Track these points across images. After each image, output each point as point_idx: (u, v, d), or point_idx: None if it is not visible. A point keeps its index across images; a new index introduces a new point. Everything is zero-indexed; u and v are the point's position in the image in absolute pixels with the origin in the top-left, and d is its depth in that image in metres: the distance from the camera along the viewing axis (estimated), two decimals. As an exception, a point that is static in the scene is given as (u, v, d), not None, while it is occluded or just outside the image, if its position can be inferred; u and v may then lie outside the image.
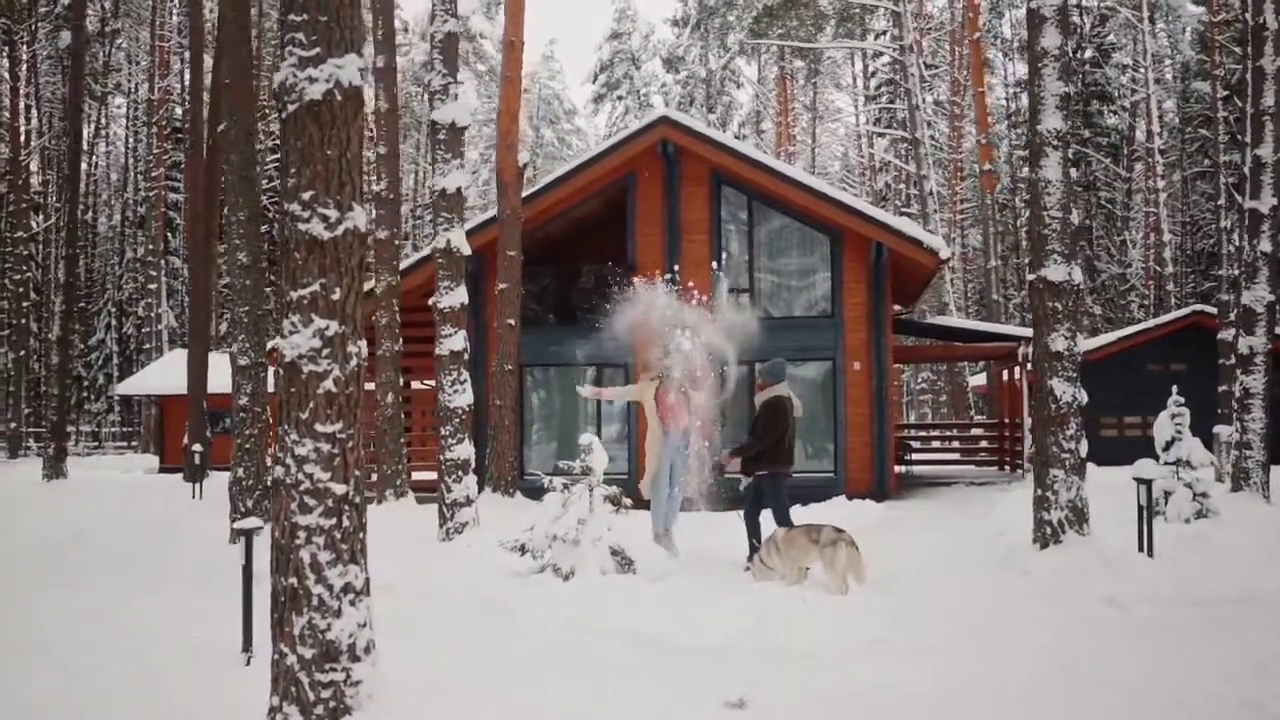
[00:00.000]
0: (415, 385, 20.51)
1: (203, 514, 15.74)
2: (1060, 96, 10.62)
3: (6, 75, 39.39)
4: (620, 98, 57.52)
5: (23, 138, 39.46)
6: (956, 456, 27.12)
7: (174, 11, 49.13)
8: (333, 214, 5.24)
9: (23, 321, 40.24)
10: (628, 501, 10.19)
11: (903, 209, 44.23)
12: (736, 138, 56.48)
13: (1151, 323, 27.30)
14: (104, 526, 13.71)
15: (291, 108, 5.25)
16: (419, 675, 6.36)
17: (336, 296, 5.26)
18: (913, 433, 29.87)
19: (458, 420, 12.39)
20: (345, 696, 5.23)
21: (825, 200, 18.10)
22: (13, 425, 39.28)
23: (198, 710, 5.88)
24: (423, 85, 44.69)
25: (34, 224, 44.79)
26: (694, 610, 8.50)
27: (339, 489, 5.26)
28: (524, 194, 18.92)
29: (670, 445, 11.60)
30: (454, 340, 12.39)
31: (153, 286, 46.79)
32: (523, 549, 9.86)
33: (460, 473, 12.33)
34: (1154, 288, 40.77)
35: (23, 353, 40.37)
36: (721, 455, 11.76)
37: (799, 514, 15.27)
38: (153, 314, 47.21)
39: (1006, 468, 23.81)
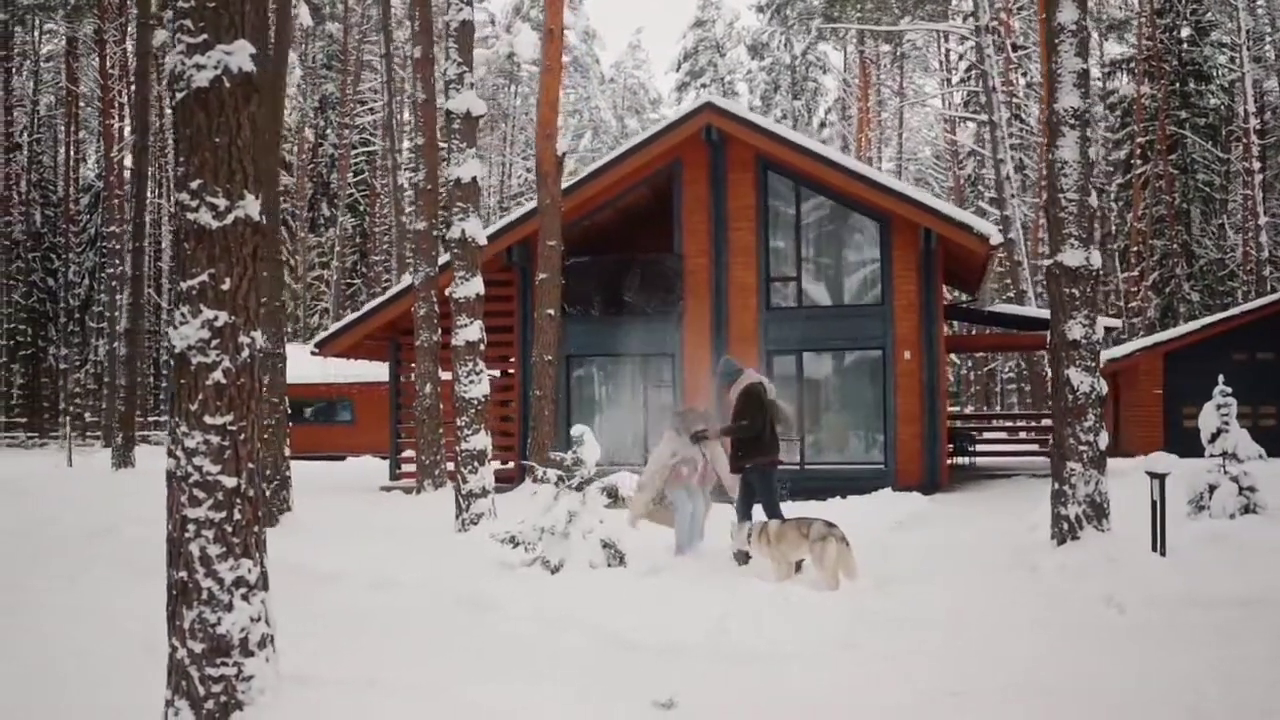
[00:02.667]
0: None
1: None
2: (1078, 73, 10.14)
3: (97, 74, 40.57)
4: (704, 86, 57.17)
5: (115, 135, 40.56)
6: (1030, 448, 26.32)
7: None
8: (221, 203, 5.16)
9: (115, 314, 41.45)
10: (626, 494, 10.03)
11: (994, 196, 43.18)
12: (821, 125, 55.82)
13: (1236, 310, 26.13)
14: (139, 519, 13.88)
15: (180, 95, 5.18)
16: (351, 669, 6.31)
17: (226, 286, 5.18)
18: (978, 423, 29.07)
19: (474, 411, 12.34)
20: (237, 692, 5.16)
21: (872, 185, 17.68)
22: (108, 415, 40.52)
23: (106, 705, 5.87)
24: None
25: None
26: (668, 606, 8.32)
27: (229, 482, 5.18)
28: (568, 184, 18.86)
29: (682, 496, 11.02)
30: (470, 330, 12.34)
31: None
32: (513, 541, 9.76)
33: (476, 463, 12.29)
34: (1254, 274, 39.16)
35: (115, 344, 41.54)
36: (708, 431, 10.79)
37: (835, 506, 15.06)
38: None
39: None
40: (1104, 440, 10.18)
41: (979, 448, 24.88)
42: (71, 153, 51.61)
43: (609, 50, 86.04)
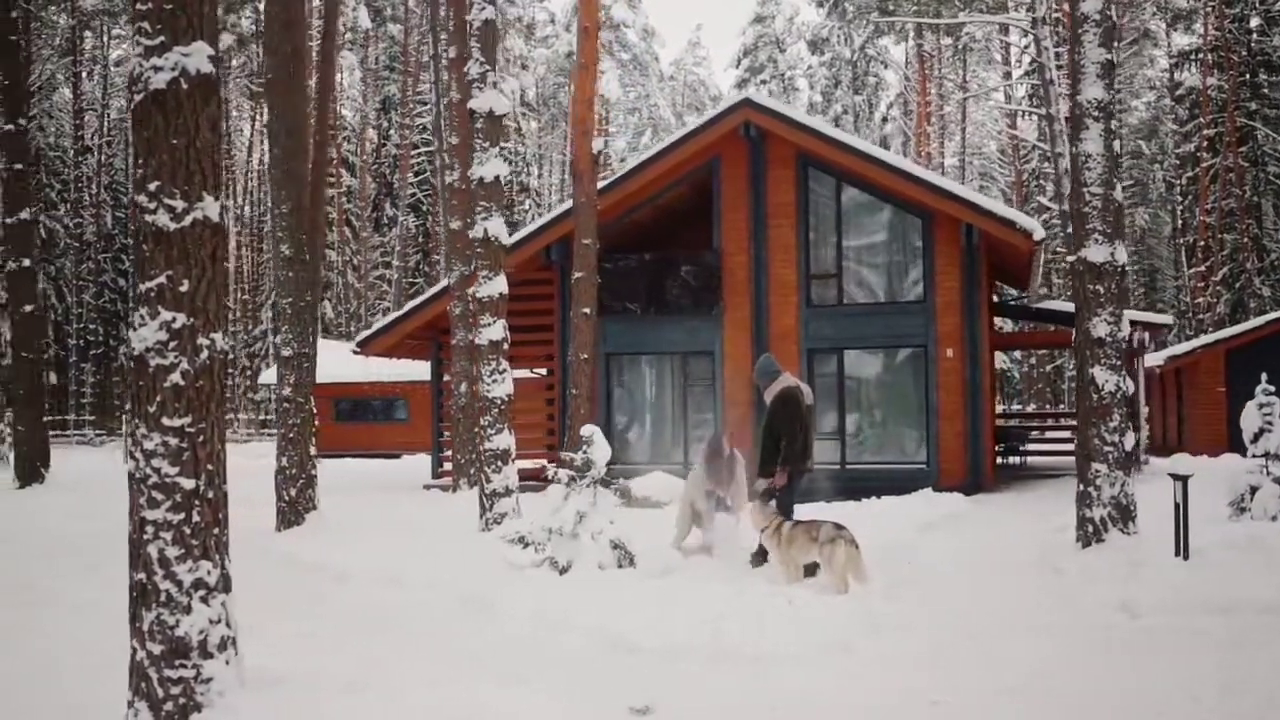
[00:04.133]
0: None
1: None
2: (1101, 64, 9.86)
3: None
4: (764, 82, 56.76)
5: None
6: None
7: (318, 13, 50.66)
8: (179, 204, 5.16)
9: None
10: (640, 494, 9.94)
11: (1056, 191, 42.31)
12: (884, 120, 55.20)
13: (1302, 305, 25.36)
14: None
15: (138, 98, 5.19)
16: (333, 670, 6.29)
17: (185, 288, 5.18)
18: (1032, 422, 28.46)
19: (497, 410, 12.32)
20: (195, 694, 5.15)
21: (913, 181, 17.38)
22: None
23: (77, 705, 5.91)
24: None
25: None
26: (671, 608, 8.22)
27: (187, 484, 5.18)
28: (607, 181, 18.80)
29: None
30: (493, 330, 12.32)
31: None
32: (523, 542, 9.72)
33: (500, 463, 12.26)
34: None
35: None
36: (768, 483, 10.11)
37: (871, 506, 14.84)
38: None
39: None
40: (1130, 440, 9.89)
41: (1032, 447, 24.38)
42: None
43: (668, 48, 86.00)
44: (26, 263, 18.89)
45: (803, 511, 11.17)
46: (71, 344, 50.67)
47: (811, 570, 9.32)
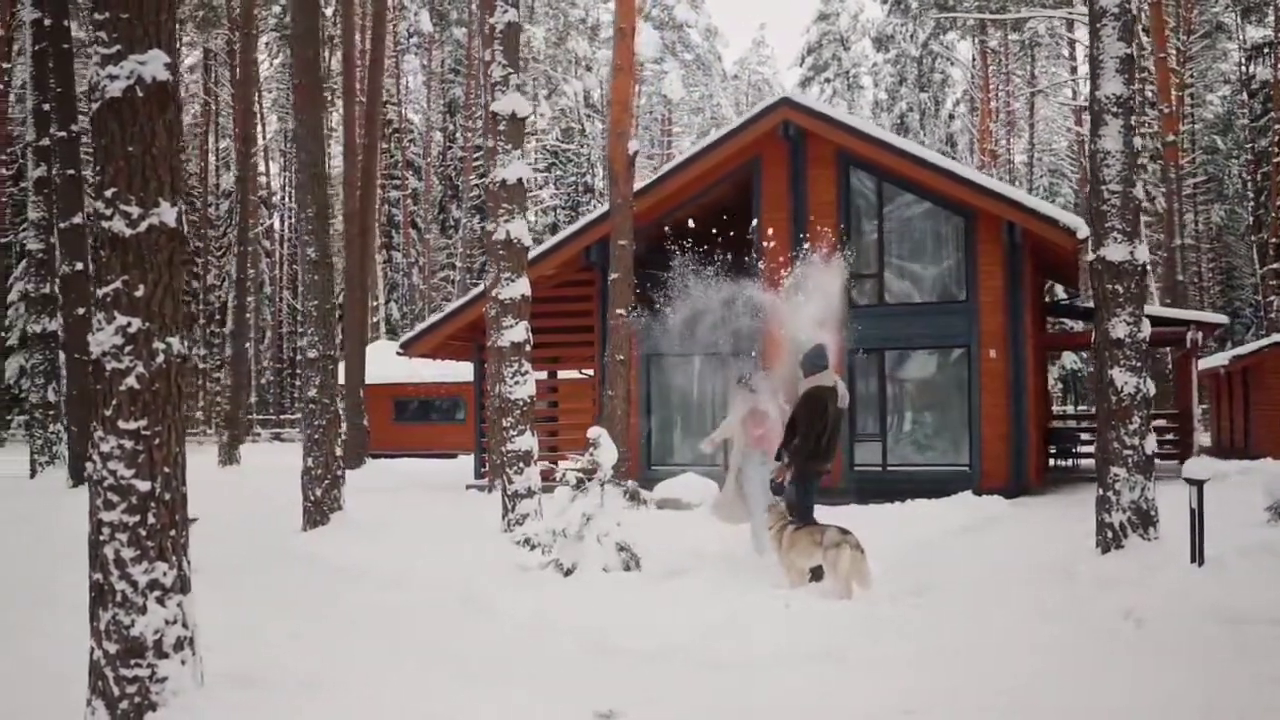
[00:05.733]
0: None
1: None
2: (1120, 58, 9.61)
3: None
4: (828, 80, 56.42)
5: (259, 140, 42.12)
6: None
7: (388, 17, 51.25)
8: (135, 211, 5.23)
9: (247, 316, 43.02)
10: (648, 496, 9.90)
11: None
12: (950, 117, 54.47)
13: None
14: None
15: (96, 106, 5.27)
16: (308, 671, 6.34)
17: (140, 293, 5.25)
18: (1086, 424, 27.81)
19: (519, 412, 12.35)
20: (150, 693, 5.22)
21: (954, 179, 17.11)
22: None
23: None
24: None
25: (264, 220, 47.94)
26: (666, 611, 8.22)
27: (143, 486, 5.25)
28: (647, 181, 18.79)
29: (757, 464, 10.99)
30: (515, 331, 12.37)
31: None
32: (529, 543, 9.74)
33: (521, 464, 12.29)
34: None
35: (246, 344, 43.09)
36: (775, 471, 10.26)
37: (906, 508, 14.64)
38: (370, 306, 49.46)
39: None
40: (1151, 444, 9.64)
41: (1088, 449, 23.85)
42: (213, 160, 53.78)
43: (732, 47, 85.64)
44: (79, 266, 19.35)
45: (837, 514, 11.07)
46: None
47: (820, 574, 9.23)
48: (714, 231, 20.17)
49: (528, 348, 12.46)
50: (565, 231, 20.02)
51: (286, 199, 54.66)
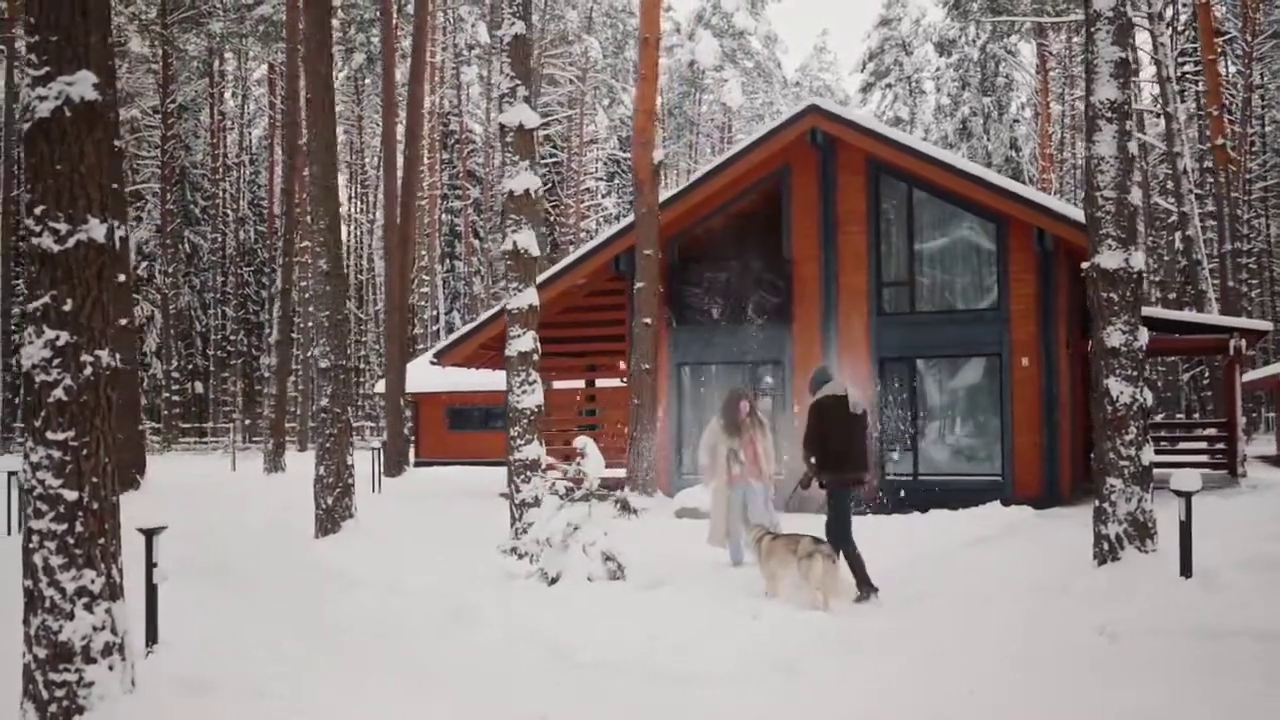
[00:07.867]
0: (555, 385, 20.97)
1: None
2: (1115, 63, 9.43)
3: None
4: (889, 85, 55.95)
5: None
6: (1198, 458, 24.50)
7: (448, 29, 51.93)
8: (63, 228, 5.38)
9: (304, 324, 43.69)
10: (637, 505, 9.91)
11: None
12: (1015, 121, 53.68)
13: None
14: (201, 529, 13.99)
15: (26, 126, 5.43)
16: (262, 678, 6.45)
17: (69, 308, 5.40)
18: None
19: (526, 421, 12.43)
20: (78, 697, 5.35)
21: (984, 186, 16.88)
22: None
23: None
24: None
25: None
26: (635, 622, 8.20)
27: (70, 495, 5.38)
28: (674, 190, 18.80)
29: (737, 492, 11.19)
30: (522, 341, 12.44)
31: (425, 290, 49.62)
32: (516, 553, 9.79)
33: (529, 473, 12.37)
34: None
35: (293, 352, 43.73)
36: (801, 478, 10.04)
37: (930, 518, 14.47)
38: (427, 315, 50.09)
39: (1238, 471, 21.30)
40: (1148, 454, 9.43)
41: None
42: (278, 172, 54.83)
43: (792, 54, 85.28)
44: (122, 278, 19.86)
45: (858, 524, 10.88)
46: (212, 355, 53.00)
47: (865, 593, 9.26)
48: (745, 240, 20.18)
49: (535, 357, 12.52)
50: (593, 242, 20.10)
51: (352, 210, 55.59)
